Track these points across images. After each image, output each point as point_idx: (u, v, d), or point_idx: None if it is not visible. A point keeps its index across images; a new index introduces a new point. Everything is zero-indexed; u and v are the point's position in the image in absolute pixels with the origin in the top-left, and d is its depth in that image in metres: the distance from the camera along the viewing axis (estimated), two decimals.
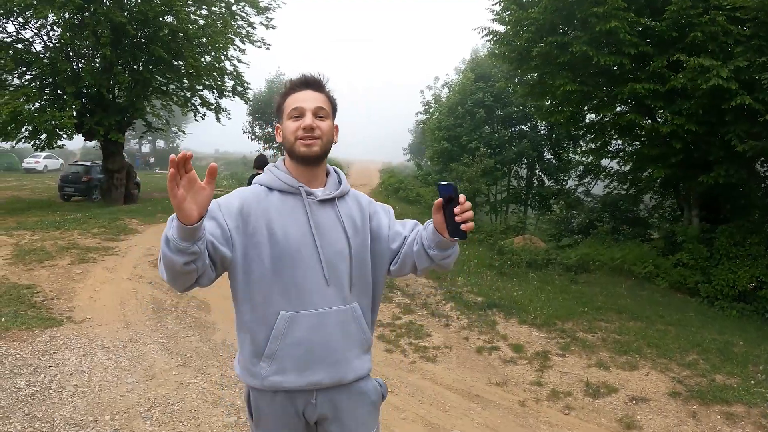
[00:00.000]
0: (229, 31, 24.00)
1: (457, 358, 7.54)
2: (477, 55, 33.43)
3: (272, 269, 2.28)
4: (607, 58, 13.87)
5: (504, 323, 9.08)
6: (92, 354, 6.58)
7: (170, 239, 1.94)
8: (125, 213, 17.58)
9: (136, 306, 8.56)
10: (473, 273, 12.36)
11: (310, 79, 2.43)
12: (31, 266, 10.38)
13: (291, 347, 2.28)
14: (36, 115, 20.04)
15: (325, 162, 2.47)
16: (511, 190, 31.01)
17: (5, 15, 21.47)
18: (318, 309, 2.30)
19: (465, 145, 27.37)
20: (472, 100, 28.35)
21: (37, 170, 47.89)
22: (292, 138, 2.34)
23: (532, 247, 17.18)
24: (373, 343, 2.57)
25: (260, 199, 2.34)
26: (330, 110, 2.42)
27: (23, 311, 7.85)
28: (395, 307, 9.52)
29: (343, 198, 2.47)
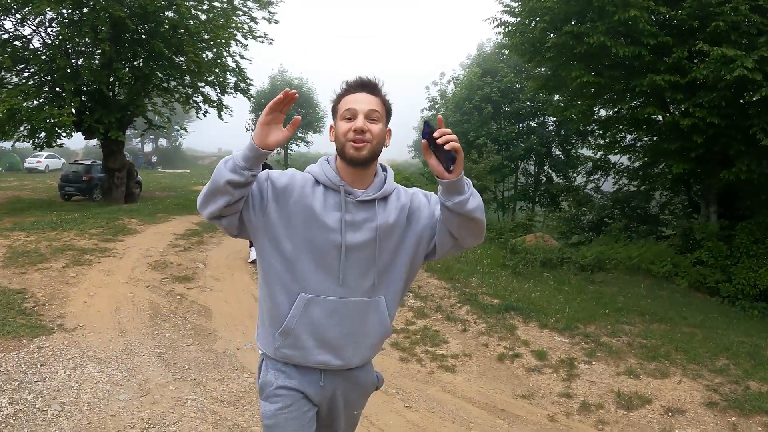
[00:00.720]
0: (231, 25, 23.48)
1: (477, 368, 7.03)
2: (483, 50, 32.94)
3: (302, 252, 2.38)
4: (626, 49, 13.32)
5: (524, 327, 8.57)
6: (82, 366, 6.04)
7: (232, 158, 2.20)
8: (125, 213, 17.05)
9: (132, 312, 8.02)
10: (487, 273, 11.83)
11: (365, 81, 2.45)
12: (23, 269, 9.86)
13: (305, 326, 2.40)
14: (34, 113, 19.53)
15: (375, 164, 2.49)
16: (519, 187, 30.50)
17: (2, 11, 21.00)
18: (337, 297, 2.40)
19: (472, 141, 26.88)
20: (479, 95, 27.89)
21: (39, 170, 47.51)
22: (343, 139, 2.37)
23: (544, 245, 16.64)
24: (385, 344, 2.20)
25: (306, 186, 2.42)
26: (383, 114, 2.44)
27: (11, 318, 7.32)
28: (408, 310, 8.98)
29: (385, 199, 2.50)
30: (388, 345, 7.45)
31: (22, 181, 37.30)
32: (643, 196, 22.22)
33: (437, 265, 11.50)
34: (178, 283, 9.51)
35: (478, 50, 33.59)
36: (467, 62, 34.39)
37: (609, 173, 25.68)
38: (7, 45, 21.09)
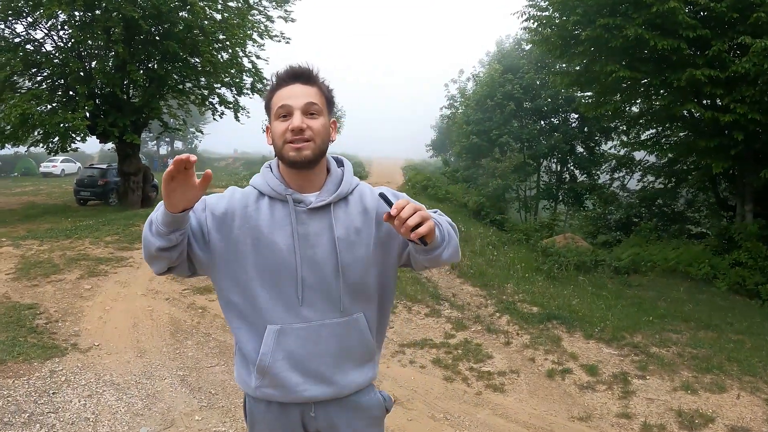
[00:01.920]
0: (247, 25, 23.05)
1: (527, 386, 6.45)
2: (502, 46, 32.38)
3: (258, 280, 2.12)
4: (664, 42, 12.70)
5: (569, 338, 8.01)
6: (99, 394, 5.51)
7: (153, 221, 1.96)
8: (141, 217, 16.57)
9: (152, 328, 7.49)
10: (522, 278, 11.27)
11: (297, 71, 2.15)
12: (35, 281, 9.40)
13: (282, 362, 2.13)
14: (47, 118, 19.17)
15: (323, 162, 2.21)
16: (542, 185, 29.89)
17: (14, 15, 20.67)
18: (308, 322, 2.13)
19: (495, 139, 26.30)
20: (501, 92, 27.27)
21: (55, 174, 47.24)
22: (280, 141, 2.10)
23: (575, 247, 16.03)
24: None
25: (248, 204, 2.16)
26: (324, 105, 2.16)
27: (22, 338, 6.84)
28: (445, 322, 8.42)
29: (343, 200, 2.21)
30: (429, 362, 6.92)
31: (38, 186, 37.01)
32: (669, 194, 21.54)
33: (470, 271, 10.98)
34: (199, 295, 8.98)
35: (497, 46, 33.04)
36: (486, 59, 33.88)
37: (634, 170, 25.14)
38: (18, 49, 20.74)
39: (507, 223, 20.92)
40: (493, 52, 33.40)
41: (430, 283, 10.40)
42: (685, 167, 19.85)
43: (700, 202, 21.48)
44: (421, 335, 7.86)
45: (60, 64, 21.30)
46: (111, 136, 21.66)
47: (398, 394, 5.94)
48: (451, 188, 23.89)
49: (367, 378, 2.30)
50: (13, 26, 21.43)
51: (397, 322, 8.31)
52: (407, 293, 9.38)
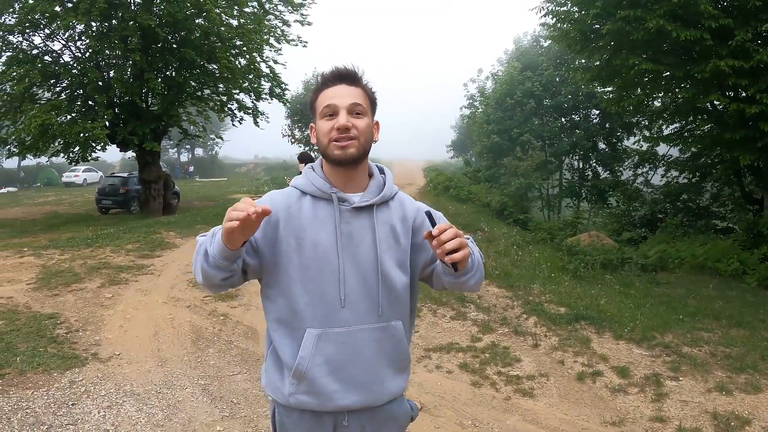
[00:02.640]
0: (263, 30, 23.02)
1: (557, 390, 6.25)
2: (520, 44, 32.11)
3: (300, 281, 2.10)
4: (687, 33, 12.42)
5: (598, 339, 7.77)
6: (119, 404, 5.39)
7: (209, 255, 1.94)
8: (162, 225, 16.56)
9: (173, 336, 7.37)
10: (548, 279, 11.04)
11: (343, 72, 2.19)
12: (56, 291, 9.33)
13: (320, 367, 2.09)
14: (66, 128, 19.24)
15: (365, 163, 2.24)
16: (565, 183, 29.59)
17: (31, 27, 20.84)
18: (348, 326, 2.11)
19: (516, 138, 26.05)
20: (521, 90, 27.01)
21: (77, 184, 47.55)
22: (325, 140, 2.13)
23: (601, 245, 15.77)
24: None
25: (290, 204, 2.17)
26: (368, 106, 2.19)
27: (42, 348, 6.74)
28: (471, 325, 8.22)
29: (385, 204, 2.23)
30: (456, 367, 6.74)
31: (60, 195, 37.21)
32: (694, 189, 21.20)
33: (495, 272, 10.78)
34: (220, 302, 8.85)
35: (515, 44, 32.77)
36: (505, 57, 33.63)
37: (658, 166, 24.84)
38: (37, 60, 20.93)
39: (530, 223, 20.69)
40: (511, 50, 33.19)
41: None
42: (710, 161, 19.50)
43: (725, 196, 21.13)
44: (447, 339, 7.68)
45: (78, 74, 21.45)
46: (131, 144, 21.75)
47: (425, 401, 5.77)
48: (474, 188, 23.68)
49: (401, 387, 2.29)
50: (31, 38, 21.66)
51: (422, 326, 8.14)
52: (432, 296, 9.19)
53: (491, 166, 27.37)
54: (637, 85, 16.15)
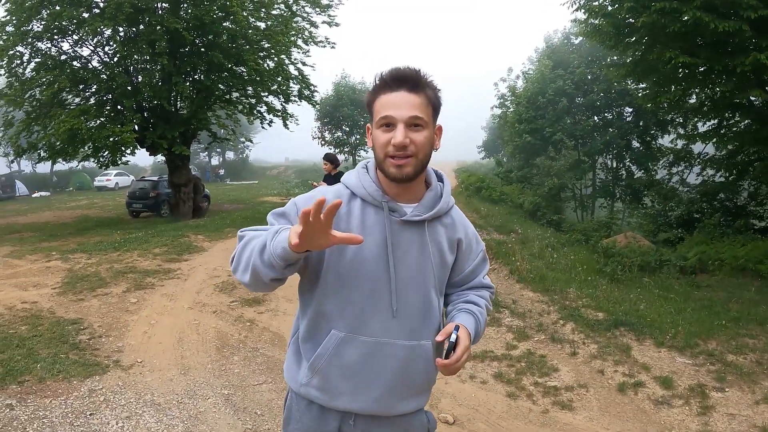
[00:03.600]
0: (291, 32, 22.88)
1: (597, 402, 5.92)
2: (551, 42, 31.69)
3: (337, 282, 2.03)
4: (725, 24, 11.98)
5: (638, 347, 7.39)
6: (138, 415, 5.16)
7: (268, 251, 1.83)
8: (191, 229, 16.41)
9: (197, 343, 7.15)
10: (584, 282, 10.66)
11: (404, 75, 2.00)
12: (81, 295, 9.18)
13: (337, 369, 2.07)
14: (95, 132, 19.23)
15: (423, 174, 2.13)
16: (598, 183, 29.09)
17: (59, 34, 20.92)
18: (377, 338, 2.05)
19: (548, 137, 25.64)
20: (552, 88, 26.60)
21: (109, 188, 47.95)
22: (381, 153, 2.01)
23: (638, 246, 15.34)
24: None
25: (341, 206, 1.97)
26: (430, 115, 2.03)
27: (63, 354, 6.56)
28: (506, 331, 7.90)
29: (438, 219, 2.15)
30: (491, 377, 6.43)
31: (92, 199, 37.44)
32: (731, 188, 20.65)
33: (529, 275, 10.43)
34: (247, 307, 8.63)
35: (545, 42, 32.34)
36: (535, 56, 33.23)
37: (693, 164, 24.31)
38: (65, 66, 21.01)
39: (564, 224, 20.29)
40: (541, 48, 32.79)
41: None
42: (747, 159, 18.99)
43: (763, 194, 20.55)
44: (481, 347, 7.36)
45: (107, 79, 21.47)
46: (160, 148, 21.71)
47: (458, 414, 5.48)
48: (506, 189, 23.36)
49: (419, 405, 2.23)
50: (60, 45, 21.71)
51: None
52: None
53: (523, 167, 26.98)
54: (672, 80, 15.69)
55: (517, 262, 11.19)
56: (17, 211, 29.96)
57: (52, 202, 37.02)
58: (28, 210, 30.55)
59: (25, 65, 21.04)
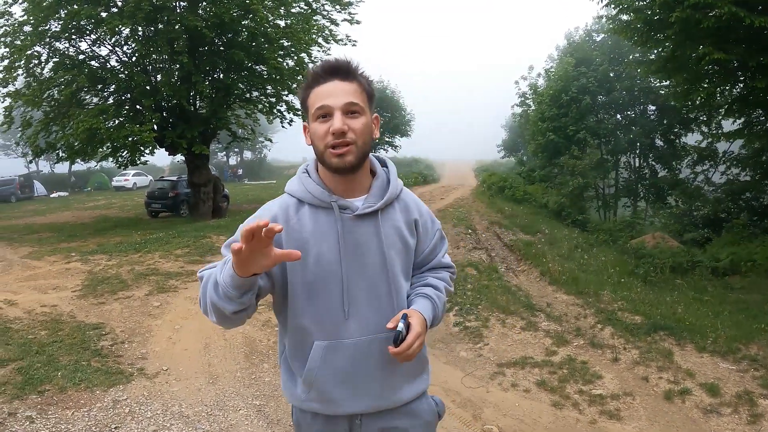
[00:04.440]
0: (311, 30, 22.64)
1: (645, 411, 5.63)
2: (572, 39, 31.28)
3: (306, 295, 2.04)
4: (761, 20, 11.62)
5: (680, 352, 7.10)
6: (165, 428, 4.90)
7: (219, 285, 1.82)
8: (212, 229, 16.18)
9: (225, 349, 6.89)
10: (618, 284, 10.34)
11: (335, 66, 2.00)
12: (102, 299, 8.96)
13: (329, 377, 2.07)
14: (113, 132, 19.06)
15: (366, 164, 2.08)
16: (622, 182, 28.67)
17: (77, 33, 20.79)
18: (357, 337, 2.05)
19: (572, 135, 25.26)
20: (575, 86, 26.20)
21: (127, 188, 47.92)
22: (321, 145, 1.97)
23: (667, 247, 15.00)
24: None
25: (289, 217, 2.05)
26: (365, 102, 2.01)
27: (85, 361, 6.32)
28: (544, 336, 7.60)
29: (390, 205, 2.12)
30: (533, 385, 6.14)
31: (110, 199, 37.37)
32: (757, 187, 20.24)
33: (562, 278, 10.13)
34: None
35: (567, 39, 31.93)
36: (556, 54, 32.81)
37: (718, 163, 23.90)
38: (83, 65, 20.90)
39: (589, 224, 19.95)
40: (563, 45, 32.36)
41: (521, 292, 9.60)
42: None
43: None
44: (520, 353, 7.09)
45: (125, 78, 21.33)
46: (179, 147, 21.52)
47: (503, 425, 5.20)
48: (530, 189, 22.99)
49: (419, 390, 2.25)
50: (78, 44, 21.58)
51: (491, 338, 7.57)
52: (498, 304, 8.61)
53: (546, 165, 26.61)
54: (704, 76, 15.31)
55: (548, 263, 10.90)
56: (36, 212, 29.92)
57: (70, 202, 37.02)
58: (47, 210, 30.49)
59: (43, 65, 20.90)
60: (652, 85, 26.10)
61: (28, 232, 19.79)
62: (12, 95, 20.58)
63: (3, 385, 5.55)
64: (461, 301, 8.97)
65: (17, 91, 20.77)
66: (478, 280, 9.98)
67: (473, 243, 12.62)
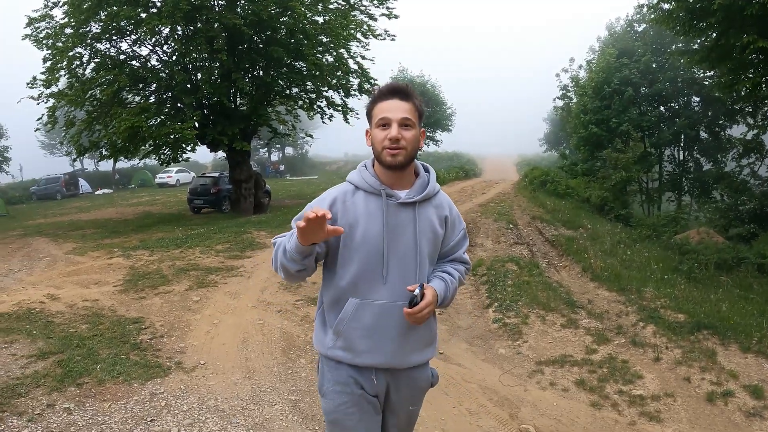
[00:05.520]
0: (350, 25, 22.60)
1: (686, 413, 5.48)
2: (614, 30, 30.77)
3: (350, 262, 2.56)
4: None
5: (724, 352, 6.84)
6: (201, 422, 4.92)
7: (287, 250, 2.44)
8: (253, 225, 16.27)
9: (262, 344, 6.90)
10: (661, 281, 10.08)
11: (396, 88, 2.56)
12: (143, 294, 9.05)
13: (355, 330, 2.58)
14: (155, 130, 19.32)
15: (412, 165, 2.65)
16: (665, 176, 28.13)
17: (117, 34, 21.11)
18: (385, 301, 2.56)
19: (615, 128, 24.82)
20: (618, 78, 25.73)
21: (170, 185, 48.36)
22: (379, 147, 2.54)
23: (712, 243, 14.64)
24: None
25: (346, 198, 2.59)
26: (416, 119, 2.57)
27: (124, 355, 6.38)
28: (584, 333, 7.45)
29: (427, 201, 2.66)
30: (572, 384, 6.03)
31: (153, 196, 37.82)
32: None
33: (604, 274, 9.92)
34: (313, 306, 8.35)
35: (608, 30, 31.41)
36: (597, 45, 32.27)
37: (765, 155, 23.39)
38: (124, 65, 21.19)
39: (632, 219, 19.59)
40: (604, 36, 31.84)
41: (562, 288, 9.42)
42: None
43: None
44: (560, 351, 6.97)
45: (166, 77, 21.62)
46: (220, 144, 21.75)
47: (540, 424, 5.11)
48: (572, 183, 22.58)
49: (425, 359, 2.76)
50: (118, 45, 21.91)
51: (530, 335, 7.46)
52: (539, 300, 8.46)
53: (588, 159, 26.16)
54: (749, 66, 14.93)
55: (590, 259, 10.70)
56: (80, 208, 30.42)
57: (114, 199, 37.55)
58: (91, 207, 30.99)
59: (84, 66, 21.30)
60: (696, 76, 25.57)
61: (72, 228, 20.12)
62: (55, 96, 20.97)
63: (43, 377, 5.63)
64: (501, 297, 8.86)
65: (60, 91, 21.19)
66: (519, 275, 9.84)
67: (514, 238, 12.46)
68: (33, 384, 5.48)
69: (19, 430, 4.64)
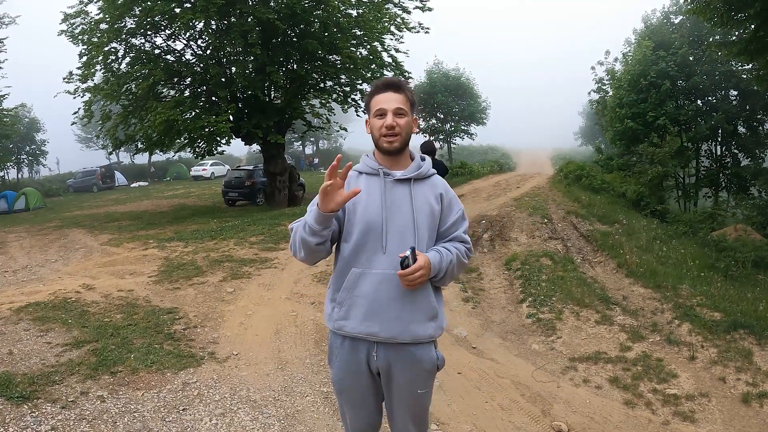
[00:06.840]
0: (384, 18, 22.54)
1: (720, 414, 5.39)
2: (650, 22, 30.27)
3: (354, 235, 2.82)
4: None
5: (760, 352, 6.68)
6: (233, 412, 4.95)
7: (306, 224, 2.71)
8: (287, 217, 16.32)
9: (295, 336, 6.92)
10: (697, 278, 9.91)
11: (390, 82, 2.91)
12: (177, 284, 9.15)
13: (356, 298, 2.80)
14: (190, 123, 19.47)
15: (407, 150, 2.97)
16: (702, 171, 27.66)
17: (151, 29, 21.36)
18: (384, 270, 2.76)
19: (651, 122, 24.44)
20: (654, 70, 25.30)
21: (205, 177, 48.78)
22: (377, 134, 2.88)
23: (750, 240, 14.39)
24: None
25: (350, 182, 2.83)
26: (408, 108, 2.89)
27: (158, 344, 6.45)
28: (619, 330, 7.35)
29: (421, 180, 2.94)
30: (606, 381, 5.96)
31: (189, 188, 38.18)
32: None
33: (639, 270, 9.78)
34: None
35: (644, 21, 30.87)
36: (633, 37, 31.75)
37: None
38: (159, 60, 21.44)
39: (668, 214, 19.31)
40: (640, 28, 31.34)
41: (597, 284, 9.31)
42: None
43: None
44: (594, 347, 6.89)
45: (201, 71, 21.75)
46: (255, 137, 21.86)
47: (572, 422, 5.05)
48: (607, 177, 22.28)
49: (427, 334, 2.86)
50: (153, 39, 22.18)
51: (564, 331, 7.39)
52: (573, 296, 8.37)
53: (624, 153, 25.77)
54: None
55: (626, 255, 10.56)
56: (116, 201, 30.86)
57: (150, 191, 38.00)
58: (127, 199, 31.40)
59: (120, 60, 21.57)
60: (734, 69, 25.00)
61: (108, 220, 20.41)
62: (91, 90, 21.32)
63: (78, 365, 5.72)
64: (535, 292, 8.79)
65: (96, 86, 21.53)
66: (553, 270, 9.74)
67: (549, 233, 12.36)
68: (67, 372, 5.56)
69: (53, 416, 4.71)
